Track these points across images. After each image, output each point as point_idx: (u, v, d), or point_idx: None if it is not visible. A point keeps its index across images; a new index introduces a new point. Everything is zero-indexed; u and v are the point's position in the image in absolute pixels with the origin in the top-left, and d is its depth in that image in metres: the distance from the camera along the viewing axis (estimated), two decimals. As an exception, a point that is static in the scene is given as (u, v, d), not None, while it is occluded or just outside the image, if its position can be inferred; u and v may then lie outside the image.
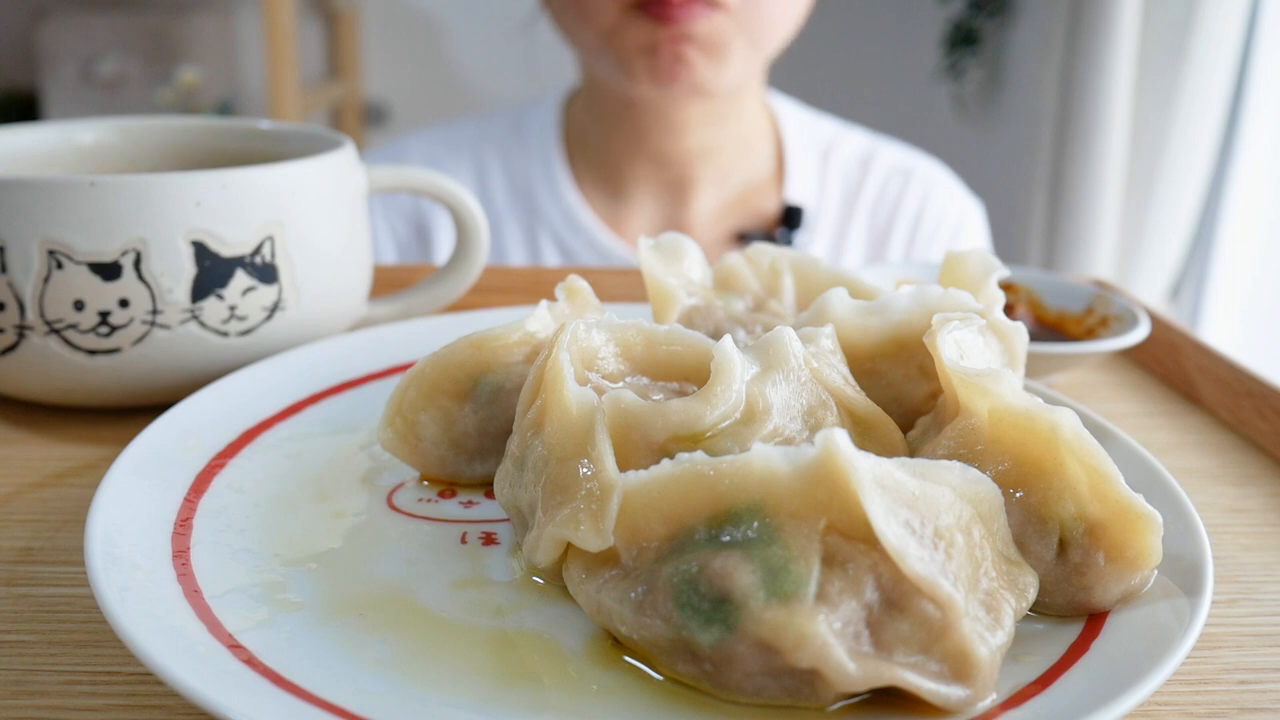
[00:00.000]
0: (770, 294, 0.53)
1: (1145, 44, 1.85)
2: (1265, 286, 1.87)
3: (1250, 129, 1.79)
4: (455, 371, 0.47)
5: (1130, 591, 0.37)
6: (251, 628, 0.36)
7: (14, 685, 0.36)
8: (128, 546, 0.38)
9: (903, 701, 0.33)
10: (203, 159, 0.68)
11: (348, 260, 0.61)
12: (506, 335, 0.47)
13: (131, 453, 0.44)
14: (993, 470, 0.38)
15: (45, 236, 0.52)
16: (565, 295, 0.49)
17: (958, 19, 2.52)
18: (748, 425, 0.38)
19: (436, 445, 0.47)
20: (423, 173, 0.66)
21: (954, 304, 0.45)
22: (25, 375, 0.55)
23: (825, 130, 1.17)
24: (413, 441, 0.47)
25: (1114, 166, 1.90)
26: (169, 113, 2.39)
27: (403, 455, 0.47)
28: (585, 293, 0.49)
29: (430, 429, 0.47)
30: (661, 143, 1.08)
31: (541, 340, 0.47)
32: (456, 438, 0.47)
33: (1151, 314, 0.71)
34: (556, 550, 0.37)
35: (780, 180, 1.13)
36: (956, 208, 1.16)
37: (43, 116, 2.54)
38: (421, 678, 0.34)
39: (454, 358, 0.47)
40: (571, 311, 0.48)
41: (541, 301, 0.48)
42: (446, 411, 0.47)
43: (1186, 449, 0.59)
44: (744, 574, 0.32)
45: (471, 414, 0.47)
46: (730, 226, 1.11)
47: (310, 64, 2.79)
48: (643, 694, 0.34)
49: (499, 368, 0.47)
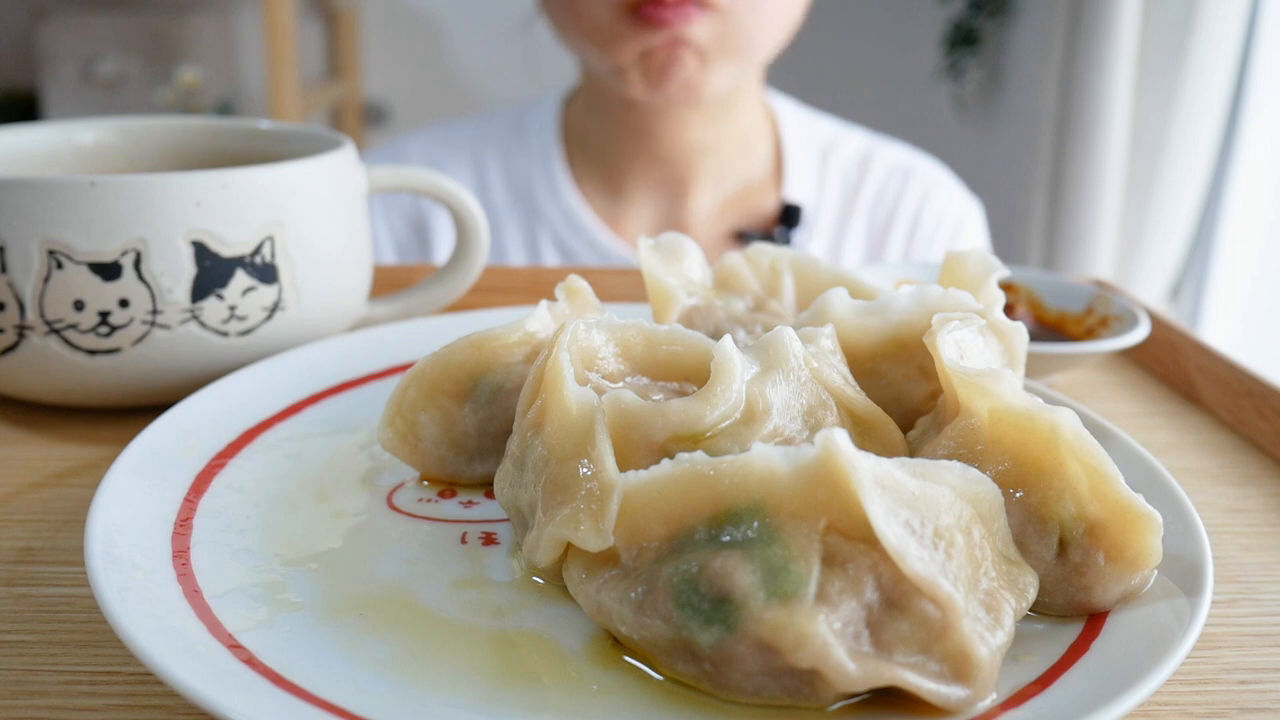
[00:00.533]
0: (770, 294, 0.53)
1: (1145, 44, 1.85)
2: (1265, 286, 1.87)
3: (1250, 129, 1.79)
4: (455, 371, 0.47)
5: (1130, 591, 0.37)
6: (251, 628, 0.36)
7: (14, 685, 0.36)
8: (128, 546, 0.38)
9: (903, 701, 0.33)
10: (203, 159, 0.68)
11: (348, 260, 0.61)
12: (506, 335, 0.47)
13: (131, 453, 0.44)
14: (993, 470, 0.38)
15: (45, 236, 0.52)
16: (565, 295, 0.49)
17: (958, 19, 2.52)
18: (748, 425, 0.38)
19: (436, 445, 0.47)
20: (422, 173, 0.66)
21: (954, 304, 0.45)
22: (25, 375, 0.55)
23: (824, 130, 1.17)
24: (413, 441, 0.47)
25: (1114, 166, 1.90)
26: (169, 113, 2.39)
27: (403, 455, 0.47)
28: (585, 293, 0.49)
29: (430, 429, 0.47)
30: (660, 142, 1.08)
31: (541, 340, 0.47)
32: (456, 438, 0.47)
33: (1151, 314, 0.71)
34: (556, 550, 0.37)
35: (779, 179, 1.13)
36: (956, 207, 1.16)
37: (43, 116, 2.54)
38: (421, 678, 0.34)
39: (454, 358, 0.47)
40: (571, 311, 0.48)
41: (541, 301, 0.48)
42: (446, 411, 0.47)
43: (1186, 449, 0.59)
44: (744, 574, 0.32)
45: (471, 414, 0.47)
46: (729, 225, 1.11)
47: (310, 64, 2.79)
48: (643, 694, 0.34)
49: (499, 368, 0.47)
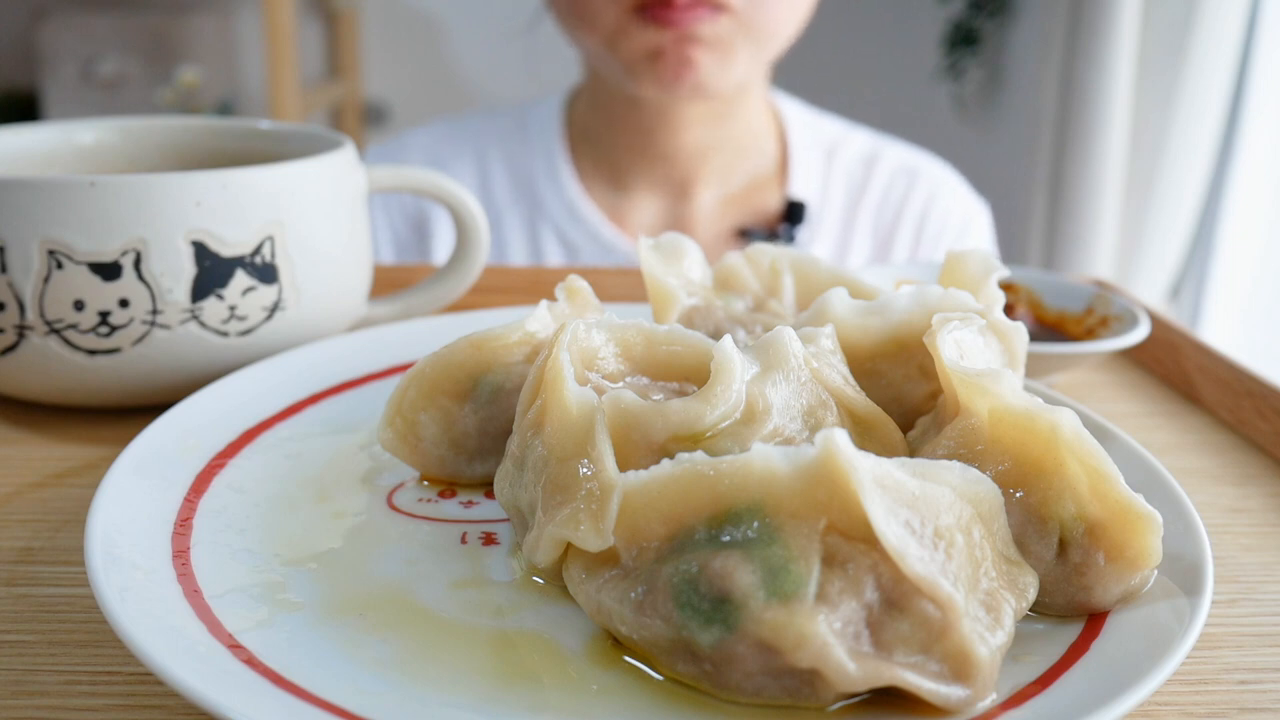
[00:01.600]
0: (770, 294, 0.53)
1: (1145, 44, 1.85)
2: (1265, 286, 1.87)
3: (1250, 129, 1.79)
4: (455, 371, 0.47)
5: (1130, 591, 0.37)
6: (251, 628, 0.36)
7: (14, 685, 0.36)
8: (128, 546, 0.38)
9: (903, 701, 0.33)
10: (203, 159, 0.68)
11: (348, 260, 0.61)
12: (506, 335, 0.47)
13: (131, 453, 0.44)
14: (993, 470, 0.38)
15: (45, 236, 0.52)
16: (565, 295, 0.49)
17: (958, 19, 2.52)
18: (748, 425, 0.38)
19: (436, 445, 0.47)
20: (423, 173, 0.66)
21: (954, 304, 0.45)
22: (25, 375, 0.55)
23: (829, 129, 1.17)
24: (413, 441, 0.47)
25: (1114, 166, 1.90)
26: (169, 113, 2.39)
27: (403, 455, 0.47)
28: (585, 292, 0.49)
29: (430, 429, 0.47)
30: (664, 140, 1.08)
31: (541, 340, 0.47)
32: (456, 438, 0.47)
33: (1151, 314, 0.71)
34: (556, 550, 0.37)
35: (783, 178, 1.13)
36: (962, 209, 1.16)
37: (43, 116, 2.54)
38: (421, 678, 0.34)
39: (454, 358, 0.47)
40: (571, 311, 0.48)
41: (541, 301, 0.48)
42: (446, 411, 0.47)
43: (1186, 449, 0.59)
44: (744, 574, 0.32)
45: (471, 414, 0.47)
46: (733, 223, 1.11)
47: (310, 64, 2.79)
48: (643, 694, 0.34)
49: (499, 368, 0.47)
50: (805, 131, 1.15)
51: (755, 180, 1.13)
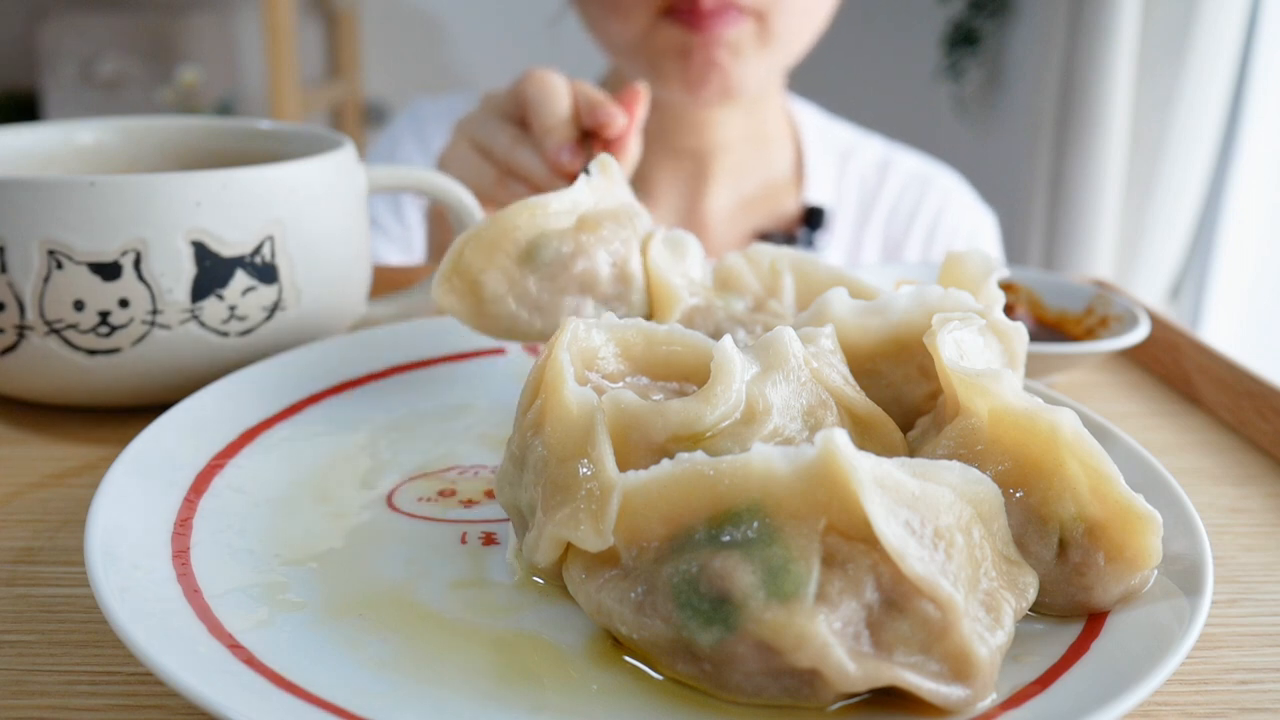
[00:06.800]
0: (770, 294, 0.53)
1: (1145, 44, 1.85)
2: (1265, 286, 1.87)
3: (1250, 129, 1.79)
4: (513, 233, 0.49)
5: (1130, 591, 0.37)
6: (251, 628, 0.36)
7: (14, 685, 0.36)
8: (128, 546, 0.38)
9: (903, 701, 0.33)
10: (203, 159, 0.68)
11: (347, 260, 0.61)
12: (554, 202, 0.49)
13: (131, 453, 0.44)
14: (993, 470, 0.38)
15: (45, 236, 0.52)
16: (599, 169, 0.52)
17: (958, 19, 2.52)
18: (748, 425, 0.38)
19: (498, 302, 0.49)
20: (423, 172, 0.66)
21: (954, 304, 0.45)
22: (25, 375, 0.55)
23: (843, 136, 1.19)
24: (473, 300, 0.49)
25: (1114, 166, 1.90)
26: (169, 113, 2.39)
27: (461, 313, 0.49)
28: (615, 169, 0.53)
29: (492, 286, 0.49)
30: (679, 137, 1.09)
31: (586, 211, 0.50)
32: (520, 294, 0.49)
33: (1151, 314, 0.71)
34: (556, 550, 0.37)
35: (799, 182, 1.15)
36: (971, 218, 1.18)
37: (43, 116, 2.54)
38: (421, 678, 0.34)
39: (511, 220, 0.49)
40: (605, 186, 0.51)
41: (580, 176, 0.50)
42: (506, 270, 0.49)
43: (1186, 449, 0.59)
44: (744, 574, 0.32)
45: (531, 271, 0.49)
46: (751, 226, 1.13)
47: (310, 64, 2.79)
48: (643, 694, 0.34)
49: (552, 232, 0.49)
50: (820, 136, 1.17)
51: (772, 184, 1.14)
